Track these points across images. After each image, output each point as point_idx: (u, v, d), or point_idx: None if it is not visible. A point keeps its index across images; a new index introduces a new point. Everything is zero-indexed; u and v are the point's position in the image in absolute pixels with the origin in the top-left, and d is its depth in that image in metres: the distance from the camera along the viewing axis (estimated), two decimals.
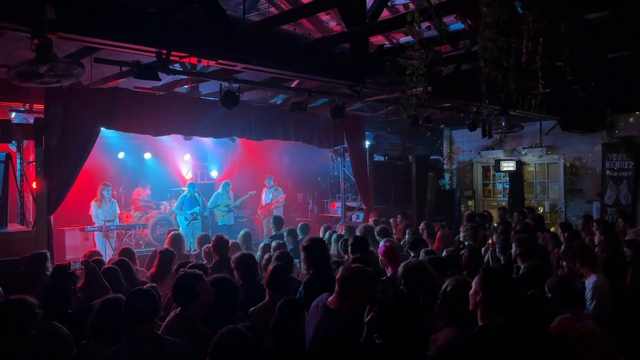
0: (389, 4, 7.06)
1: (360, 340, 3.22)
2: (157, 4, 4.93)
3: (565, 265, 5.53)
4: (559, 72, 4.37)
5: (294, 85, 7.97)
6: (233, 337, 2.75)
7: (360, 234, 6.89)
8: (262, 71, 6.12)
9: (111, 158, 12.26)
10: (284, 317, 3.42)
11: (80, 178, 7.46)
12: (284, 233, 7.75)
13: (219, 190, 11.56)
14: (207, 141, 12.83)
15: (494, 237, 6.43)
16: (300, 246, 5.00)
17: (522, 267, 5.13)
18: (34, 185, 7.12)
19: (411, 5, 3.94)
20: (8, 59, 6.13)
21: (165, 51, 4.96)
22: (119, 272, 4.95)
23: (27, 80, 4.81)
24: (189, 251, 7.46)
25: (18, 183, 7.29)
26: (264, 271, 5.94)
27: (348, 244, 5.71)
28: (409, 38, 3.94)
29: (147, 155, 13.23)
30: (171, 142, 12.54)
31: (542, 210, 12.72)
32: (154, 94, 8.14)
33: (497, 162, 12.67)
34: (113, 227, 10.12)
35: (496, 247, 6.12)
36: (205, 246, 6.72)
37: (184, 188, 11.84)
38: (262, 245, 7.01)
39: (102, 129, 7.59)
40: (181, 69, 6.52)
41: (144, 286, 3.83)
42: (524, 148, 12.91)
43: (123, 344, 3.08)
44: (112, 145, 12.06)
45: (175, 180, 13.79)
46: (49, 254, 5.58)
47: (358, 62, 6.59)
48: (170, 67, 5.66)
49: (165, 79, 7.46)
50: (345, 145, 11.10)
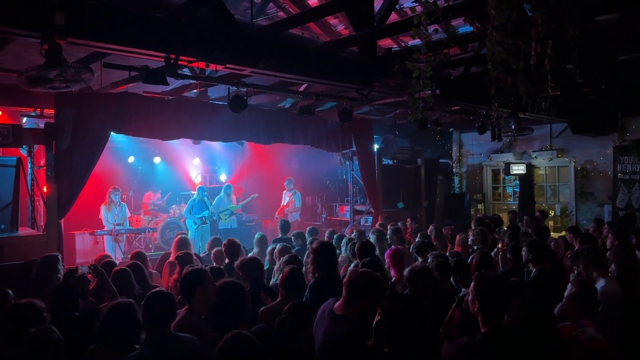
0: (397, 7, 7.05)
1: (367, 346, 3.20)
2: (165, 9, 4.96)
3: (576, 269, 5.47)
4: (569, 74, 4.33)
5: (302, 89, 7.98)
6: (238, 342, 2.74)
7: (374, 236, 6.91)
8: (270, 75, 6.13)
9: (121, 162, 12.34)
10: (290, 320, 3.43)
11: (90, 182, 7.51)
12: (292, 236, 7.74)
13: (221, 194, 11.60)
14: (216, 145, 12.88)
15: (505, 241, 6.38)
16: (309, 248, 4.99)
17: (534, 271, 5.09)
18: (45, 189, 7.18)
19: (418, 9, 3.93)
20: (19, 64, 6.18)
21: (173, 56, 4.99)
22: (131, 275, 4.90)
23: (37, 85, 4.85)
24: (196, 254, 7.47)
25: (29, 187, 7.36)
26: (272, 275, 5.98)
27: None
28: (417, 41, 3.92)
29: (157, 159, 13.31)
30: (180, 146, 12.60)
31: (552, 214, 12.62)
32: (163, 99, 8.18)
33: (507, 165, 12.58)
34: (123, 231, 10.18)
35: (506, 251, 6.07)
36: (215, 249, 6.73)
37: (193, 192, 11.88)
38: (269, 249, 7.00)
39: (111, 133, 7.64)
40: (190, 74, 6.55)
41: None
42: (534, 151, 12.81)
43: (144, 348, 3.10)
44: (122, 150, 12.14)
45: (184, 184, 13.84)
46: (60, 257, 5.61)
47: (366, 65, 6.58)
48: (179, 71, 5.69)
49: (174, 83, 7.49)
50: (354, 148, 11.08)
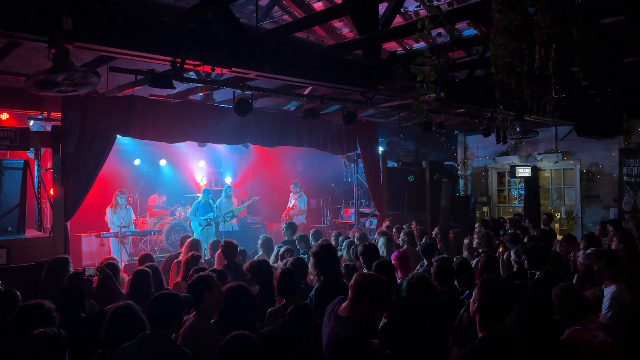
0: (402, 10, 7.07)
1: (373, 348, 3.21)
2: (171, 13, 5.00)
3: (581, 271, 5.45)
4: (573, 77, 4.33)
5: (306, 92, 8.01)
6: (239, 342, 2.76)
7: (383, 239, 6.93)
8: (276, 78, 6.16)
9: (127, 165, 12.40)
10: (292, 322, 3.46)
11: (97, 185, 7.56)
12: (295, 239, 7.76)
13: (222, 197, 11.62)
14: (221, 148, 12.92)
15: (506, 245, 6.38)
16: (310, 252, 5.01)
17: (537, 274, 5.09)
18: (51, 192, 7.24)
19: (422, 12, 3.95)
20: (27, 68, 6.25)
21: (179, 59, 5.02)
22: (150, 276, 4.85)
23: (45, 89, 4.89)
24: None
25: (36, 190, 7.41)
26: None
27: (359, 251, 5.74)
28: (422, 44, 3.94)
29: (163, 162, 13.37)
30: (186, 149, 12.66)
31: (558, 217, 12.58)
32: (168, 102, 8.23)
33: (512, 167, 12.55)
34: (128, 233, 10.23)
35: (508, 255, 6.08)
36: (218, 252, 6.75)
37: (198, 194, 11.92)
38: (274, 252, 7.02)
39: (118, 136, 7.70)
40: (195, 77, 6.59)
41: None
42: (540, 154, 12.78)
43: (136, 341, 3.13)
44: (128, 152, 12.20)
45: (190, 187, 13.89)
46: (70, 259, 5.64)
47: (371, 68, 6.60)
48: (185, 75, 5.73)
49: (180, 86, 7.54)
50: (359, 151, 11.11)
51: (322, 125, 10.02)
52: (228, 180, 14.55)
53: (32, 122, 8.37)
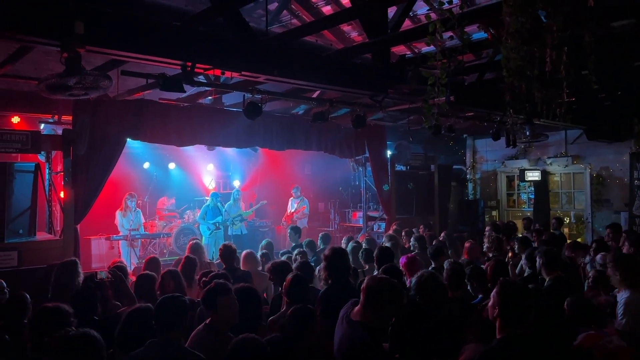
0: (411, 14, 7.07)
1: (384, 353, 3.19)
2: (181, 17, 5.03)
3: (591, 276, 5.39)
4: (584, 80, 4.30)
5: (315, 95, 8.01)
6: (247, 346, 2.77)
7: (389, 244, 6.91)
8: (285, 82, 6.17)
9: (136, 168, 12.47)
10: (292, 324, 3.48)
11: (107, 188, 7.60)
12: (303, 244, 7.74)
13: (230, 201, 11.65)
14: (230, 151, 12.95)
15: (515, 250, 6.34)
16: (322, 255, 4.99)
17: (547, 280, 5.03)
18: (62, 195, 7.29)
19: (433, 15, 3.94)
20: (38, 72, 6.31)
21: (190, 63, 5.05)
22: (155, 280, 4.88)
23: (57, 92, 4.94)
24: (210, 260, 7.51)
25: (46, 193, 7.47)
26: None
27: (372, 254, 5.73)
28: (431, 47, 3.93)
29: (172, 166, 13.43)
30: (195, 152, 12.70)
31: (568, 221, 12.48)
32: (178, 106, 8.27)
33: (522, 171, 12.49)
34: (138, 236, 10.27)
35: (517, 259, 6.04)
36: (243, 254, 6.74)
37: (207, 198, 11.96)
38: (285, 257, 7.01)
39: (128, 139, 7.74)
40: (205, 81, 6.62)
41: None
42: (549, 157, 12.70)
43: (146, 348, 3.11)
44: (138, 156, 12.27)
45: (198, 190, 13.94)
46: (79, 262, 5.68)
47: (380, 72, 6.60)
48: (195, 79, 5.75)
49: (190, 90, 7.57)
50: (367, 154, 11.09)
51: (330, 128, 10.02)
52: (236, 183, 14.58)
53: (42, 126, 8.45)
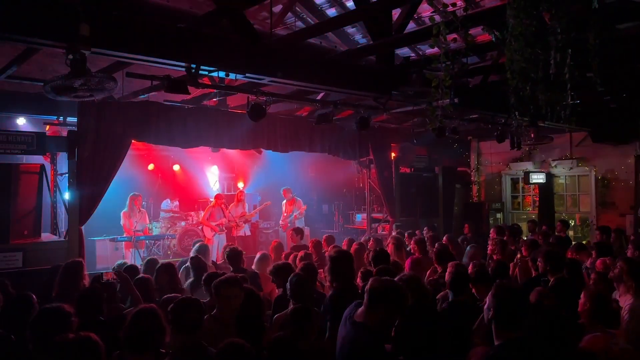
0: (415, 16, 7.07)
1: (386, 355, 3.19)
2: (186, 19, 5.04)
3: (593, 279, 5.36)
4: (589, 83, 4.29)
5: (319, 97, 8.02)
6: (231, 350, 2.85)
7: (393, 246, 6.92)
8: (289, 84, 6.18)
9: (141, 169, 12.50)
10: (292, 324, 3.55)
11: (111, 189, 7.62)
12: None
13: (234, 202, 11.64)
14: (234, 153, 12.98)
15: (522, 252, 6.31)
16: (327, 256, 4.99)
17: (551, 281, 5.02)
18: (67, 196, 7.31)
19: (437, 18, 3.94)
20: (43, 74, 6.35)
21: (194, 65, 5.07)
22: (151, 282, 4.96)
23: (62, 94, 4.95)
24: (213, 262, 7.52)
25: (51, 194, 7.50)
26: None
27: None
28: (434, 50, 3.93)
29: (176, 167, 13.46)
30: (199, 154, 12.73)
31: (573, 224, 12.43)
32: (183, 107, 8.30)
33: (527, 174, 12.44)
34: (142, 238, 10.29)
35: (525, 262, 6.02)
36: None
37: (211, 199, 11.97)
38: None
39: (132, 141, 7.76)
40: (210, 83, 6.64)
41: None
42: (554, 160, 12.65)
43: (169, 357, 3.16)
44: (142, 157, 12.31)
45: (202, 192, 13.96)
46: (83, 262, 5.69)
47: (384, 74, 6.60)
48: (200, 80, 5.77)
49: (194, 92, 7.60)
50: (371, 156, 11.09)
51: (334, 130, 10.03)
52: (240, 185, 14.60)
53: (48, 127, 8.49)
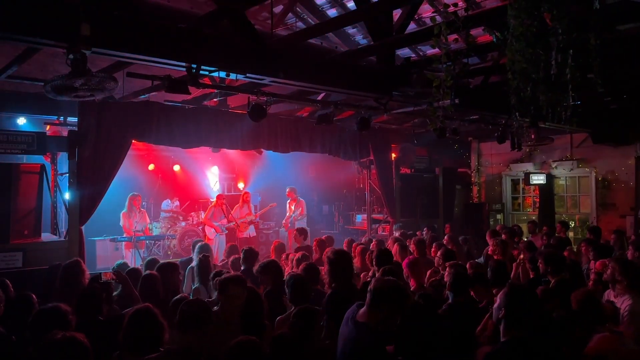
0: (416, 16, 7.07)
1: (388, 355, 3.19)
2: (187, 19, 5.04)
3: (592, 278, 5.36)
4: (590, 84, 4.28)
5: (320, 98, 8.02)
6: (243, 346, 2.84)
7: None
8: (290, 85, 6.18)
9: (141, 170, 12.50)
10: (296, 324, 3.55)
11: (111, 189, 7.62)
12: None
13: (238, 203, 11.64)
14: (234, 153, 12.98)
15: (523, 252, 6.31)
16: (325, 257, 4.98)
17: (552, 282, 5.01)
18: (67, 196, 7.31)
19: (438, 18, 3.94)
20: (44, 74, 6.34)
21: (195, 65, 5.06)
22: (158, 280, 4.96)
23: (63, 94, 4.94)
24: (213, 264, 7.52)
25: (51, 194, 7.49)
26: None
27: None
28: (435, 50, 3.93)
29: (176, 167, 13.47)
30: (199, 154, 12.74)
31: (573, 225, 12.42)
32: (183, 107, 8.29)
33: (527, 175, 12.42)
34: (142, 238, 10.28)
35: (526, 261, 6.01)
36: (233, 257, 6.78)
37: (212, 200, 11.97)
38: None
39: (133, 141, 7.76)
40: (210, 83, 6.63)
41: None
42: (555, 161, 12.64)
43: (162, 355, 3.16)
44: (142, 157, 12.30)
45: (203, 192, 13.96)
46: (81, 262, 5.68)
47: (384, 74, 6.60)
48: (200, 80, 5.77)
49: (194, 92, 7.59)
50: (371, 157, 11.08)
51: (335, 131, 10.03)
52: (241, 185, 14.61)
53: (48, 127, 8.48)
